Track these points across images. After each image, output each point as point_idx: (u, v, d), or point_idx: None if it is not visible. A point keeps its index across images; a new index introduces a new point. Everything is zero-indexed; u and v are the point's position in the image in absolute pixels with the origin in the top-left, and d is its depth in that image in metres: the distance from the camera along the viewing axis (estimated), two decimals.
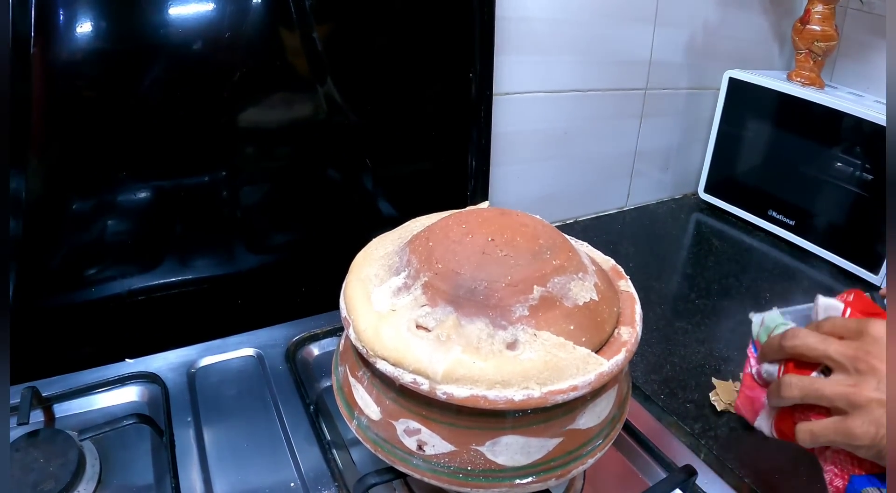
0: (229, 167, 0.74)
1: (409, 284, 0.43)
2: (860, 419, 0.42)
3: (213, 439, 0.58)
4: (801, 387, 0.46)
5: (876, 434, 0.41)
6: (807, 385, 0.45)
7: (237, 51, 0.69)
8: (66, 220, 0.69)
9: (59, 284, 0.71)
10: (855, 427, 0.42)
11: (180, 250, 0.76)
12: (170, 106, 0.69)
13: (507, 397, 0.39)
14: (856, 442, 0.42)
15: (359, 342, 0.41)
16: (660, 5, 1.00)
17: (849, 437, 0.42)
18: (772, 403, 0.50)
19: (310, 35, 0.71)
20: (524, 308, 0.42)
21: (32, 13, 0.61)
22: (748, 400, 0.55)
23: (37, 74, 0.63)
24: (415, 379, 0.39)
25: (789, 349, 0.48)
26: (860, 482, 0.46)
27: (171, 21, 0.66)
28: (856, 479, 0.46)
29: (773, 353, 0.50)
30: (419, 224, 0.54)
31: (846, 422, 0.43)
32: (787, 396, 0.47)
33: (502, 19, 0.82)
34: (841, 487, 0.46)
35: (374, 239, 0.51)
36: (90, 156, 0.67)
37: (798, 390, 0.46)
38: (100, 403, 0.64)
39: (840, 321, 0.48)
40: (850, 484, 0.46)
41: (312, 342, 0.71)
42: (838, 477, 0.47)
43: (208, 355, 0.68)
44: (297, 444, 0.58)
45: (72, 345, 0.71)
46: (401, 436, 0.43)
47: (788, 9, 1.16)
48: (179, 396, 0.63)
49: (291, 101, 0.75)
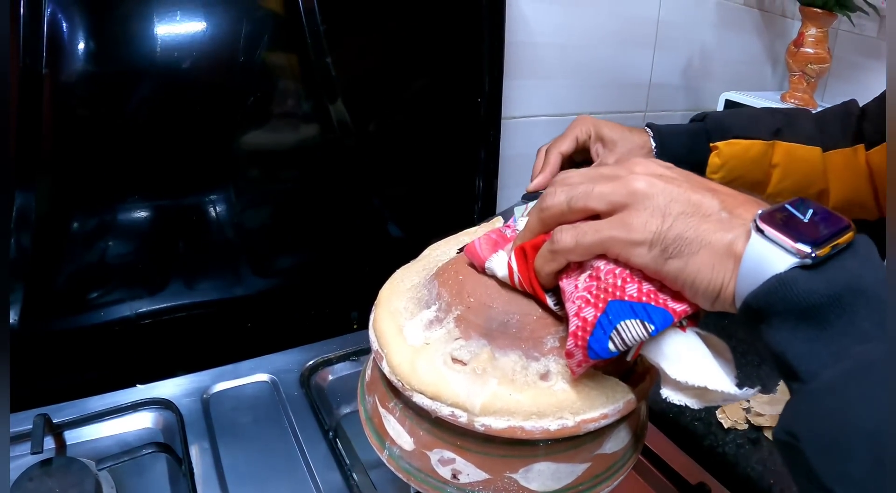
0: (238, 189, 0.75)
1: (441, 317, 0.43)
2: (641, 207, 0.34)
3: (232, 466, 0.58)
4: (567, 190, 0.37)
5: (661, 224, 0.33)
6: (575, 186, 0.37)
7: (251, 75, 0.70)
8: (74, 241, 0.69)
9: (67, 306, 0.71)
10: (633, 217, 0.34)
11: (188, 273, 0.75)
12: (181, 129, 0.69)
13: (543, 428, 0.39)
14: (636, 235, 0.34)
15: (394, 376, 0.42)
16: (660, 30, 1.02)
17: (627, 229, 0.34)
18: (530, 224, 0.40)
19: (323, 60, 0.72)
20: (554, 339, 0.42)
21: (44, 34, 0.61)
22: (490, 243, 0.44)
23: (47, 96, 0.63)
24: (453, 412, 0.39)
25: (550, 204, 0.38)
26: (618, 309, 0.34)
27: (186, 45, 0.66)
28: (614, 305, 0.34)
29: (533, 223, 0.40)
30: (440, 251, 0.54)
31: (622, 215, 0.35)
32: (553, 202, 0.37)
33: (511, 44, 0.83)
34: (590, 319, 0.34)
35: (398, 271, 0.52)
36: (100, 178, 0.67)
37: (564, 193, 0.37)
38: (112, 429, 0.63)
39: None
40: (604, 314, 0.34)
41: (326, 367, 0.71)
42: (590, 305, 0.35)
43: (221, 380, 0.68)
44: (318, 470, 0.58)
45: (81, 370, 0.71)
46: (435, 466, 0.43)
47: (781, 32, 1.19)
48: (195, 423, 0.63)
49: (302, 123, 0.76)
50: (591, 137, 0.62)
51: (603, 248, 0.36)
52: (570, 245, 0.36)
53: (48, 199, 0.66)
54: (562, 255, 0.37)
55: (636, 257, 0.34)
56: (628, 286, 0.35)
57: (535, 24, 0.89)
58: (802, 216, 0.32)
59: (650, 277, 0.35)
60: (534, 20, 0.89)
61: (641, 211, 0.34)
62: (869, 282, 0.30)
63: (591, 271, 0.36)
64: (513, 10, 0.85)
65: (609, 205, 0.36)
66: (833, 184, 0.67)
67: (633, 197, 0.35)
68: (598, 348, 0.34)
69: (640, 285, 0.35)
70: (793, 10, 1.20)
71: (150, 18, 0.65)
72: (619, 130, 0.63)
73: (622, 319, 0.34)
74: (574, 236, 0.36)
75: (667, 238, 0.34)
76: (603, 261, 0.36)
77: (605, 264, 0.36)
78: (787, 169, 0.67)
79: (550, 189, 0.39)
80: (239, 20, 0.68)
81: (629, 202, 0.35)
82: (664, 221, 0.34)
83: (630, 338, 0.34)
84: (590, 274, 0.36)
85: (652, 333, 0.34)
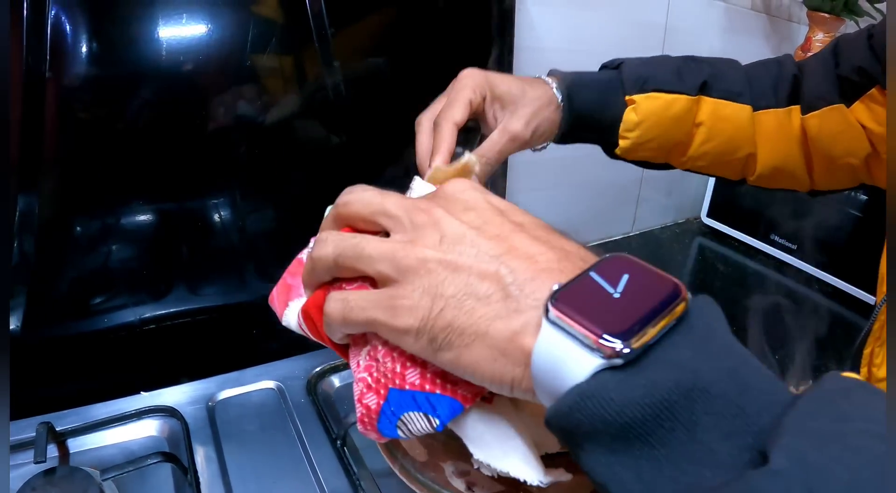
0: (243, 194, 0.74)
1: None
2: (410, 287, 0.28)
3: (239, 475, 0.57)
4: (337, 242, 0.32)
5: (430, 310, 0.27)
6: (345, 239, 0.32)
7: (257, 79, 0.69)
8: (77, 246, 0.68)
9: (70, 312, 0.70)
10: (400, 298, 0.28)
11: (192, 278, 0.75)
12: (185, 133, 0.68)
13: None
14: (400, 322, 0.28)
15: None
16: (668, 36, 1.02)
17: (392, 313, 0.28)
18: (304, 278, 0.36)
19: (331, 64, 0.71)
20: None
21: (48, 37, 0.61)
22: (285, 289, 0.39)
23: (51, 99, 0.62)
24: None
25: (342, 210, 0.34)
26: (399, 400, 0.30)
27: (191, 48, 0.66)
28: (395, 394, 0.30)
29: (328, 223, 0.36)
30: None
31: (390, 291, 0.29)
32: (320, 254, 0.32)
33: (520, 49, 0.83)
34: (373, 407, 0.31)
35: None
36: (104, 182, 0.67)
37: (333, 245, 0.32)
38: (116, 438, 0.62)
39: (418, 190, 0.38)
40: (386, 403, 0.30)
41: (333, 374, 0.70)
42: (372, 391, 0.31)
43: (227, 387, 0.67)
44: (325, 478, 0.57)
45: (84, 377, 0.70)
46: (450, 477, 0.42)
47: (788, 36, 1.19)
48: (200, 431, 0.62)
49: (308, 128, 0.75)
50: (487, 97, 0.53)
51: (371, 328, 0.30)
52: (338, 319, 0.31)
53: (51, 203, 0.65)
54: (334, 329, 0.32)
55: (405, 345, 0.29)
56: (408, 373, 0.30)
57: (544, 29, 0.88)
58: (613, 290, 0.24)
59: None
60: (542, 26, 0.88)
61: (410, 291, 0.28)
62: (709, 377, 0.22)
63: (370, 349, 0.31)
64: (521, 16, 0.84)
65: (377, 274, 0.30)
66: (762, 148, 0.60)
67: (401, 273, 0.29)
68: (389, 434, 0.31)
69: (422, 371, 0.30)
70: (800, 14, 1.20)
71: (155, 21, 0.64)
72: (517, 83, 0.54)
73: (405, 411, 0.30)
74: (341, 311, 0.31)
75: (434, 327, 0.27)
76: (381, 340, 0.31)
77: (383, 345, 0.31)
78: (712, 129, 0.59)
79: (322, 235, 0.33)
80: (245, 24, 0.67)
81: (398, 278, 0.29)
82: (434, 306, 0.27)
83: (417, 430, 0.30)
84: (369, 352, 0.31)
85: (437, 427, 0.29)
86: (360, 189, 0.34)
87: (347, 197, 0.34)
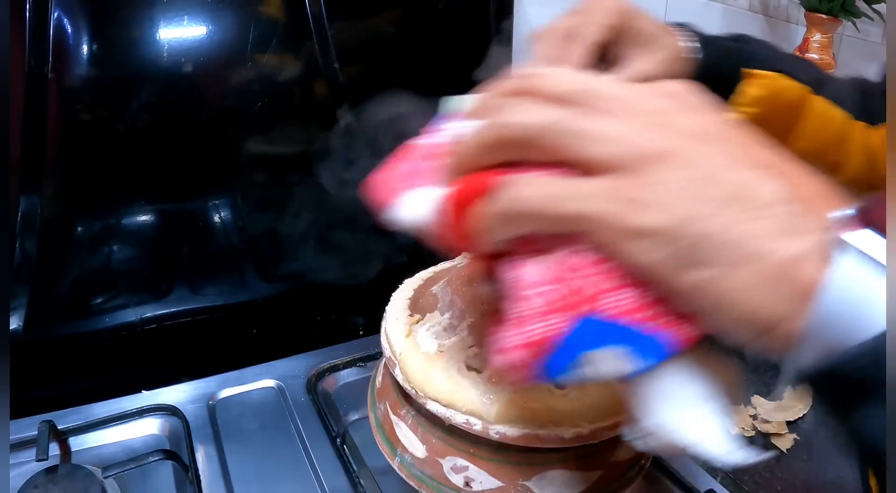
0: (244, 194, 0.74)
1: (455, 324, 0.43)
2: (658, 177, 0.22)
3: (239, 473, 0.58)
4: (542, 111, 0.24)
5: (686, 211, 0.21)
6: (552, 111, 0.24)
7: (258, 80, 0.69)
8: (78, 246, 0.69)
9: (72, 311, 0.70)
10: (641, 188, 0.22)
11: (193, 278, 0.75)
12: (187, 134, 0.69)
13: (559, 436, 0.39)
14: (640, 220, 0.21)
15: (407, 383, 0.41)
16: None
17: (630, 206, 0.22)
18: (458, 158, 0.27)
19: (330, 65, 0.71)
20: None
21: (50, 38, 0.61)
22: (399, 175, 0.32)
23: (53, 100, 0.63)
24: (467, 420, 0.39)
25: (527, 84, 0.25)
26: (593, 330, 0.23)
27: (192, 50, 0.66)
28: (587, 323, 0.23)
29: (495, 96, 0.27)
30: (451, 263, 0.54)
31: (622, 181, 0.22)
32: (510, 122, 0.24)
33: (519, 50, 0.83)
34: (549, 336, 0.23)
35: (408, 280, 0.52)
36: (105, 182, 0.67)
37: (536, 114, 0.24)
38: (117, 436, 0.62)
39: None
40: (572, 333, 0.23)
41: (333, 373, 0.70)
42: (548, 316, 0.23)
43: (227, 386, 0.68)
44: (325, 476, 0.57)
45: (85, 375, 0.70)
46: (448, 473, 0.43)
47: (786, 37, 1.19)
48: (201, 429, 0.62)
49: (308, 128, 0.75)
50: (622, 29, 0.44)
51: (579, 226, 0.23)
52: (533, 209, 0.23)
53: (53, 203, 0.66)
54: (521, 220, 0.24)
55: (636, 253, 0.22)
56: (611, 296, 0.23)
57: None
58: None
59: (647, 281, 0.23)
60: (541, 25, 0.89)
61: (656, 183, 0.22)
62: None
63: (550, 261, 0.24)
64: (520, 16, 0.85)
65: (607, 159, 0.22)
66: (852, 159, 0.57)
67: (644, 160, 0.22)
68: (557, 373, 0.24)
69: (636, 295, 0.23)
70: (797, 15, 1.20)
71: (157, 23, 0.65)
72: (657, 25, 0.46)
73: (597, 345, 0.23)
74: (543, 199, 0.23)
75: (689, 235, 0.21)
76: (573, 249, 0.24)
77: (581, 254, 0.23)
78: (814, 125, 0.55)
79: (503, 101, 0.25)
80: (246, 25, 0.68)
81: (638, 166, 0.22)
82: (691, 207, 0.21)
83: (604, 372, 0.24)
84: (549, 265, 0.24)
85: (632, 374, 0.24)
86: None
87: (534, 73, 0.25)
